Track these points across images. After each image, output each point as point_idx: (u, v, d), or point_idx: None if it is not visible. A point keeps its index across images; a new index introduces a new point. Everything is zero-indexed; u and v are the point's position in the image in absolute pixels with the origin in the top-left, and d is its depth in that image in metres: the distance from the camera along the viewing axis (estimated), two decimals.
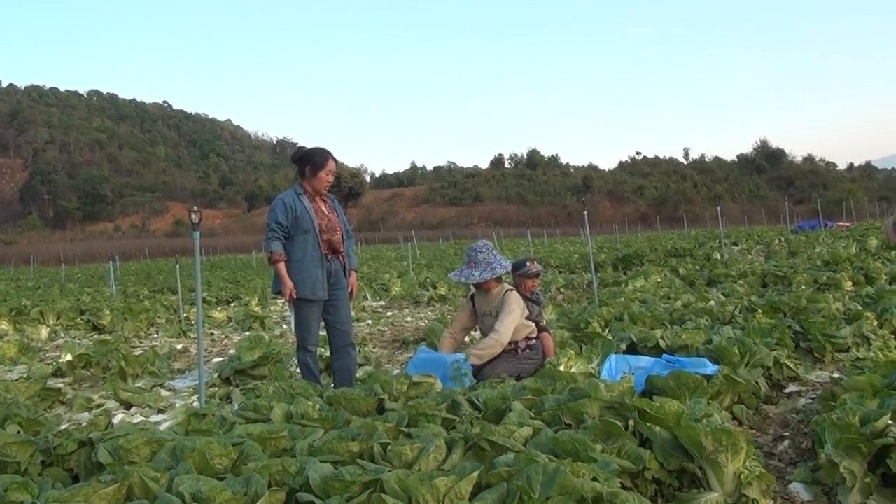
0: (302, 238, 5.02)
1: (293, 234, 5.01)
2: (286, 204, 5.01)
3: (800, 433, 3.85)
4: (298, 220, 5.01)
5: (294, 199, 5.06)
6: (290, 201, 5.04)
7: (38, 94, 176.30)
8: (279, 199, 5.10)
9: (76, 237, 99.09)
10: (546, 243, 36.64)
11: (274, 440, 3.00)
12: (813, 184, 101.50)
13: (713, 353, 4.88)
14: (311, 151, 5.17)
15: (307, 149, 5.25)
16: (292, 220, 5.00)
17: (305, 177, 5.12)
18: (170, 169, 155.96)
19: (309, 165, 5.09)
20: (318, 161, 5.09)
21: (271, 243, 4.97)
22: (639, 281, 12.09)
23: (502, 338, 4.91)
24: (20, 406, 4.13)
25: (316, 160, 5.10)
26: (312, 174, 5.08)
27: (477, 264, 5.03)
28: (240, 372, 6.22)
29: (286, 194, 5.14)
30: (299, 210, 5.01)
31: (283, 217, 4.97)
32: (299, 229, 5.01)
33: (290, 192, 5.15)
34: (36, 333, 10.23)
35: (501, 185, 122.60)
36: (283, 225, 4.98)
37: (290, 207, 5.01)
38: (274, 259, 4.97)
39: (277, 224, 4.97)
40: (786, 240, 21.43)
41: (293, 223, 5.00)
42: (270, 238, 4.98)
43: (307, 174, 5.10)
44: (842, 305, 7.02)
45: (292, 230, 5.01)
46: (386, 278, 16.42)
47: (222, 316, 11.29)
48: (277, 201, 5.08)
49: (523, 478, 2.34)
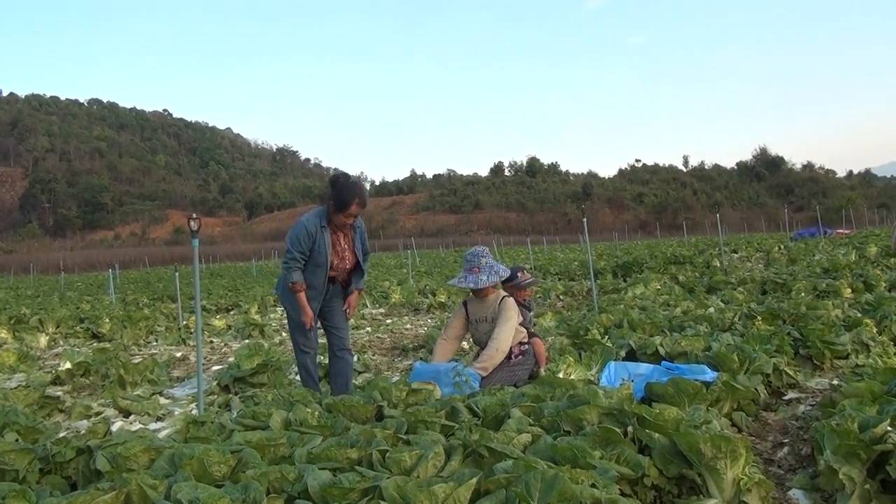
0: (312, 268, 5.06)
1: (307, 263, 5.05)
2: (309, 233, 4.96)
3: (799, 440, 3.84)
4: (315, 252, 5.01)
5: (317, 228, 4.98)
6: (314, 230, 4.97)
7: (38, 102, 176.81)
8: (303, 225, 4.98)
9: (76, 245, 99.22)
10: (546, 251, 36.67)
11: (272, 447, 2.99)
12: (812, 191, 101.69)
13: (712, 359, 4.88)
14: (340, 188, 4.94)
15: (340, 181, 5.02)
16: (310, 248, 4.99)
17: (330, 209, 5.00)
18: (170, 177, 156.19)
19: (332, 201, 4.95)
20: (342, 201, 4.91)
21: (292, 273, 5.00)
22: (638, 288, 12.09)
23: (503, 345, 4.90)
24: (19, 414, 4.12)
25: (340, 199, 4.91)
26: (334, 211, 4.97)
27: (482, 269, 5.03)
28: (239, 380, 6.21)
29: (311, 220, 5.01)
30: (318, 243, 4.99)
31: (304, 245, 4.96)
32: (313, 261, 5.04)
33: (314, 219, 5.02)
34: (35, 341, 10.22)
35: (501, 193, 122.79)
36: (304, 253, 4.99)
37: (311, 236, 4.96)
38: (295, 289, 5.03)
39: (301, 253, 4.97)
40: (785, 247, 21.43)
41: (310, 252, 5.01)
42: (291, 267, 5.00)
43: (331, 208, 4.98)
44: (841, 312, 7.02)
45: (308, 259, 5.04)
46: (385, 286, 16.43)
47: (222, 324, 11.28)
48: (301, 228, 4.97)
49: (522, 484, 2.33)
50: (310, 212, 5.15)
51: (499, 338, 4.89)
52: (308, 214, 5.10)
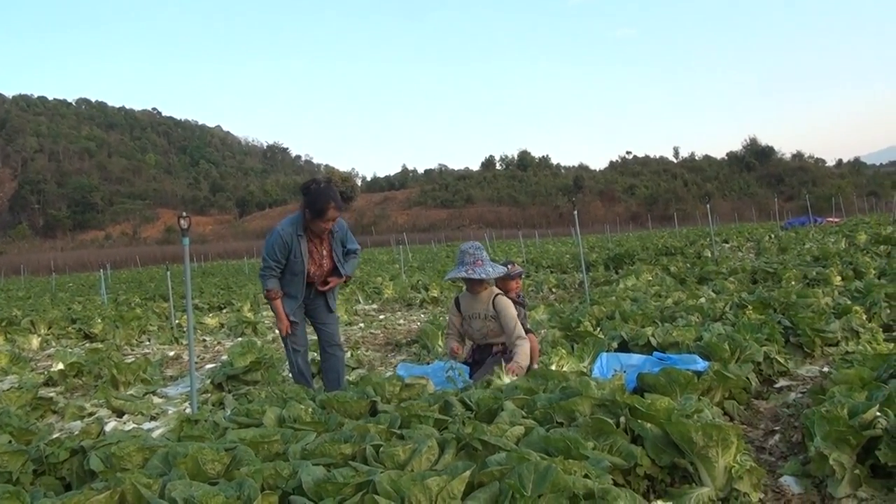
0: (289, 277, 5.06)
1: (283, 271, 5.04)
2: (284, 242, 4.92)
3: (790, 427, 3.88)
4: (291, 261, 4.99)
5: (293, 236, 4.94)
6: (289, 239, 4.93)
7: (26, 103, 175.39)
8: (278, 233, 4.94)
9: (66, 246, 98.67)
10: (538, 244, 36.70)
11: (266, 444, 3.00)
12: (802, 180, 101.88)
13: (704, 349, 4.91)
14: (314, 194, 4.86)
15: (312, 187, 4.91)
16: (286, 257, 4.97)
17: (306, 216, 4.94)
18: (160, 176, 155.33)
19: (307, 209, 4.89)
20: (317, 208, 4.84)
21: (267, 281, 5.00)
22: (630, 280, 12.14)
23: (521, 333, 4.90)
24: (12, 415, 4.12)
25: (315, 206, 4.84)
26: (311, 218, 4.91)
27: (484, 262, 5.02)
28: (232, 377, 6.21)
29: (285, 228, 4.96)
30: (294, 252, 4.97)
31: (279, 254, 4.94)
32: (289, 270, 5.03)
33: (290, 227, 4.96)
34: (27, 343, 10.19)
35: (493, 187, 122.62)
36: (280, 262, 4.97)
37: (287, 246, 4.93)
38: (270, 296, 5.05)
39: (275, 262, 4.96)
40: (776, 236, 21.54)
41: (286, 261, 4.99)
42: (266, 276, 5.00)
43: (307, 216, 4.92)
44: (831, 300, 7.06)
45: (284, 267, 5.02)
46: (378, 281, 16.44)
47: (214, 322, 11.27)
48: (276, 237, 4.93)
49: (515, 476, 2.35)
50: (284, 220, 5.11)
51: (520, 334, 4.87)
52: (283, 223, 5.05)
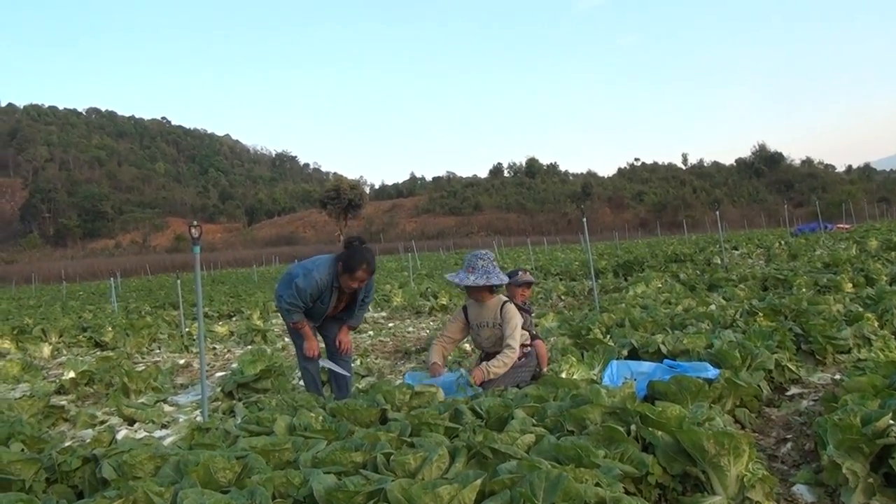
0: (308, 312, 5.18)
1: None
2: (319, 289, 5.03)
3: (802, 435, 3.85)
4: (316, 305, 5.13)
5: (327, 285, 5.06)
6: (324, 286, 5.04)
7: (37, 112, 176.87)
8: (314, 280, 5.01)
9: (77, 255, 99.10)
10: (546, 251, 36.66)
11: (277, 452, 3.00)
12: (812, 186, 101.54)
13: (714, 357, 4.89)
14: (352, 252, 5.01)
15: (354, 245, 5.06)
16: (314, 301, 5.09)
17: (339, 268, 5.04)
18: (169, 185, 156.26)
19: (342, 262, 5.01)
20: (351, 265, 4.97)
21: (293, 315, 5.10)
22: (639, 287, 12.09)
23: (516, 346, 4.93)
24: (24, 424, 4.13)
25: (349, 263, 4.97)
26: (342, 271, 5.02)
27: (475, 270, 5.02)
28: (242, 385, 6.22)
29: (324, 278, 5.03)
30: (324, 300, 5.12)
31: (310, 300, 5.05)
32: (312, 308, 5.16)
33: (328, 278, 5.05)
34: (38, 351, 10.23)
35: (501, 194, 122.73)
36: (308, 305, 5.08)
37: (319, 292, 5.05)
38: (297, 328, 5.18)
39: (304, 304, 5.06)
40: (786, 243, 21.43)
41: (312, 303, 5.11)
42: (292, 311, 5.08)
43: (340, 268, 5.03)
44: (842, 307, 7.02)
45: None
46: (387, 289, 16.42)
47: (224, 330, 11.29)
48: (312, 282, 5.00)
49: (526, 485, 2.34)
50: (319, 262, 5.15)
51: (511, 344, 4.92)
52: (320, 269, 5.08)
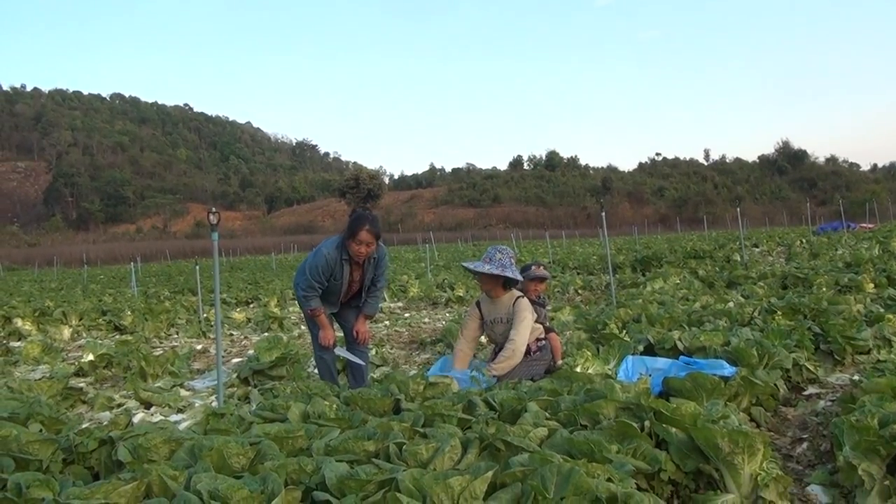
0: (325, 295, 5.20)
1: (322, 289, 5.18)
2: (328, 263, 5.04)
3: (818, 435, 3.82)
4: (331, 283, 5.13)
5: (337, 260, 5.06)
6: (333, 262, 5.05)
7: (61, 97, 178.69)
8: (323, 255, 5.03)
9: (98, 239, 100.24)
10: (565, 245, 36.54)
11: (291, 440, 3.02)
12: (836, 185, 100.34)
13: (731, 354, 4.84)
14: (354, 217, 5.04)
15: (357, 212, 5.11)
16: (328, 279, 5.10)
17: (345, 237, 5.04)
18: (190, 171, 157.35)
19: (346, 230, 5.02)
20: (351, 230, 4.96)
21: (311, 301, 5.13)
22: (657, 282, 12.02)
23: (519, 347, 4.92)
24: (42, 405, 4.18)
25: (350, 228, 4.97)
26: (347, 239, 5.01)
27: (492, 260, 5.03)
28: (258, 372, 6.26)
29: (331, 252, 5.05)
30: (336, 275, 5.11)
31: (323, 277, 5.06)
32: (327, 290, 5.17)
33: (335, 252, 5.06)
34: (59, 334, 10.37)
35: (520, 187, 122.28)
36: (322, 283, 5.09)
37: (330, 268, 5.05)
38: (314, 314, 5.19)
39: (318, 283, 5.07)
40: (807, 241, 21.21)
41: (327, 282, 5.12)
42: (309, 297, 5.11)
43: (346, 237, 5.03)
44: (863, 307, 6.94)
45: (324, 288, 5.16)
46: (404, 280, 16.47)
47: (241, 317, 11.38)
48: (321, 258, 5.03)
49: (538, 478, 2.34)
50: (327, 241, 5.19)
51: (515, 339, 4.91)
52: (326, 244, 5.13)
